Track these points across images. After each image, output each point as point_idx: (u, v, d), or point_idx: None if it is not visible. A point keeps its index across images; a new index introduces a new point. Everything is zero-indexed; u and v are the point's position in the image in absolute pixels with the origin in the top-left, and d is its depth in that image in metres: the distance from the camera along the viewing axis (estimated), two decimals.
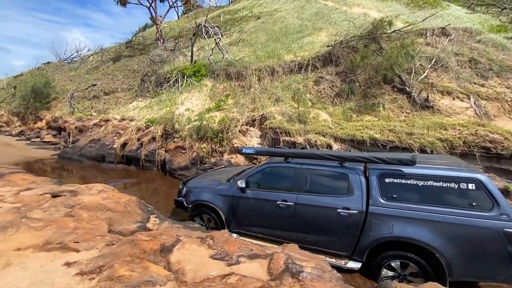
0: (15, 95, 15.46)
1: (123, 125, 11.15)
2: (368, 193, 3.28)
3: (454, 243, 2.86)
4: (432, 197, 3.01)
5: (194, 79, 12.00)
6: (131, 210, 3.63)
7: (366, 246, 3.21)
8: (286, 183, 3.82)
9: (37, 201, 3.45)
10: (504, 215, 2.74)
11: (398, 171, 3.17)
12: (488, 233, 2.76)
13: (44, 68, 19.31)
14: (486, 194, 2.83)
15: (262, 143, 7.86)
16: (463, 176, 2.92)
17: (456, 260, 2.84)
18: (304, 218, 3.56)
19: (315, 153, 3.72)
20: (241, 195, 3.99)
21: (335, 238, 3.41)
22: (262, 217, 3.88)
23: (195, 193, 4.47)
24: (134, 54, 18.66)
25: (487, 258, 2.82)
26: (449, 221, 2.89)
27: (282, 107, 8.50)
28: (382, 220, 3.13)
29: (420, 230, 2.96)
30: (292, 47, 11.71)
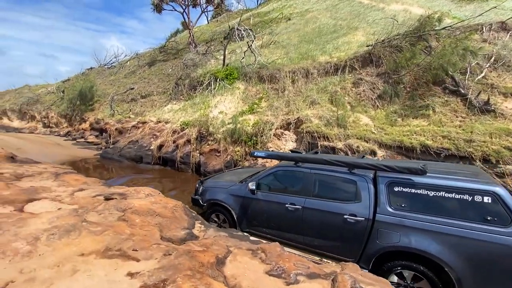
0: (63, 98, 16.78)
1: (159, 128, 11.55)
2: (376, 201, 3.21)
3: (465, 258, 2.71)
4: (443, 208, 2.88)
5: (227, 82, 12.10)
6: (178, 215, 3.63)
7: (372, 254, 3.14)
8: (295, 187, 3.87)
9: (91, 203, 3.57)
10: None
11: (408, 180, 3.07)
12: (505, 250, 2.57)
13: (88, 73, 20.76)
14: (503, 208, 2.63)
15: (298, 147, 7.63)
16: (478, 188, 2.76)
17: (467, 275, 2.69)
18: (311, 222, 3.58)
19: (324, 159, 3.69)
20: (252, 196, 4.11)
21: (341, 244, 3.39)
22: (271, 218, 3.95)
23: (210, 192, 4.66)
24: (168, 59, 19.36)
25: (502, 277, 2.62)
26: (461, 234, 2.74)
27: (318, 110, 8.22)
28: (389, 229, 3.05)
29: (429, 241, 2.85)
30: (326, 48, 11.35)
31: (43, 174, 5.31)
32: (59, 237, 2.52)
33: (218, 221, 4.60)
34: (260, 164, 7.86)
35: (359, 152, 6.37)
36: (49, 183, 4.78)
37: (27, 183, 4.65)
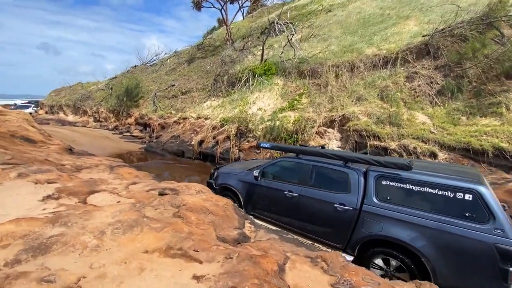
0: (111, 95, 18.02)
1: (199, 123, 11.79)
2: (364, 193, 3.42)
3: (442, 250, 2.85)
4: (425, 202, 3.03)
5: (265, 78, 11.91)
6: (229, 214, 3.54)
7: (357, 241, 3.35)
8: (294, 176, 4.16)
9: (147, 198, 3.64)
10: (498, 230, 2.65)
11: (395, 175, 3.25)
12: (479, 246, 2.69)
13: (132, 71, 22.06)
14: (482, 206, 2.74)
15: (344, 147, 7.20)
16: (460, 186, 2.88)
17: (441, 266, 2.84)
18: (305, 209, 3.85)
19: (321, 152, 3.97)
20: (257, 183, 4.45)
21: (331, 230, 3.61)
22: (272, 203, 4.26)
23: (222, 178, 5.13)
24: (206, 56, 19.73)
25: (475, 271, 2.74)
26: (439, 228, 2.88)
27: (366, 107, 7.66)
28: (374, 219, 3.26)
29: (408, 232, 3.02)
30: (373, 40, 10.56)
31: (99, 167, 5.65)
32: (123, 232, 2.55)
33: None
34: None
35: (416, 154, 5.78)
36: (105, 175, 5.05)
37: (86, 175, 4.95)
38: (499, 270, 2.60)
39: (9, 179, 3.82)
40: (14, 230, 2.46)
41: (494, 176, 4.91)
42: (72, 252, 2.25)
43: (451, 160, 5.46)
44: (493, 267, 2.62)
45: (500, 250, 2.59)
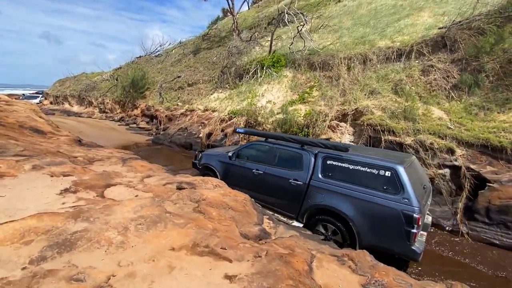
0: (117, 85, 17.89)
1: (206, 116, 11.69)
2: (313, 170, 4.08)
3: (365, 216, 3.50)
4: (356, 178, 3.66)
5: (273, 70, 11.71)
6: (248, 210, 3.48)
7: (305, 210, 4.02)
8: (261, 157, 4.87)
9: (165, 192, 3.58)
10: (405, 199, 3.25)
11: (336, 156, 3.91)
12: (391, 212, 3.30)
13: (137, 62, 21.84)
14: (397, 181, 3.34)
15: (357, 142, 7.08)
16: (383, 165, 3.50)
17: (365, 229, 3.49)
18: (268, 184, 4.54)
19: (283, 136, 4.75)
20: (232, 163, 5.18)
21: (287, 202, 4.26)
22: (243, 180, 4.90)
23: (204, 159, 5.87)
24: (212, 46, 19.44)
25: (388, 233, 3.36)
26: (364, 198, 3.52)
27: (380, 101, 7.50)
28: (318, 192, 3.94)
29: (341, 202, 3.68)
30: (386, 32, 10.28)
31: (111, 159, 5.59)
32: (147, 228, 2.50)
33: None
34: None
35: (433, 150, 5.66)
36: (118, 168, 5.00)
37: (99, 167, 4.90)
38: (405, 232, 3.21)
39: (24, 171, 3.77)
40: (37, 225, 2.41)
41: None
42: (98, 249, 2.20)
43: (468, 157, 5.35)
44: (401, 229, 3.23)
45: (405, 215, 3.20)
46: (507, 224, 4.28)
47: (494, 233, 4.37)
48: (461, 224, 4.76)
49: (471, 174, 5.08)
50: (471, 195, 5.01)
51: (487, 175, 4.88)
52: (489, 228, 4.43)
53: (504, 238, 4.26)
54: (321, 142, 4.18)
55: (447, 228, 4.84)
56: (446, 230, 4.83)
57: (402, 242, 3.24)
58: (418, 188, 3.46)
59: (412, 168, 3.65)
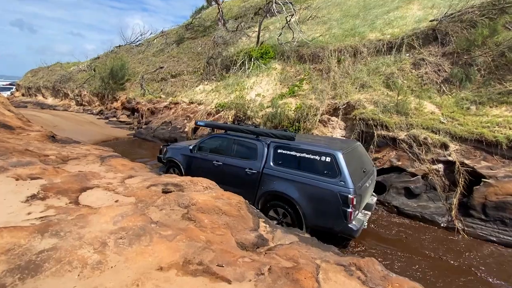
0: (95, 76, 16.79)
1: (192, 109, 11.18)
2: (266, 159, 4.31)
3: (309, 199, 3.79)
4: (302, 165, 3.95)
5: (262, 61, 11.33)
6: (243, 214, 3.19)
7: (260, 196, 4.26)
8: (221, 149, 5.02)
9: (149, 196, 3.21)
10: (342, 181, 3.56)
11: (286, 144, 4.18)
12: (330, 194, 3.62)
13: (117, 51, 20.62)
14: (335, 165, 3.65)
15: (349, 137, 6.93)
16: (324, 151, 3.81)
17: (309, 211, 3.78)
18: (226, 174, 4.70)
19: (240, 128, 4.97)
20: (194, 155, 5.29)
21: (244, 190, 4.32)
22: (205, 171, 4.91)
23: (169, 153, 5.88)
24: (196, 36, 18.65)
25: (328, 213, 3.67)
26: (309, 183, 3.81)
27: (372, 94, 7.36)
28: (270, 179, 4.17)
29: (289, 187, 3.95)
30: (376, 24, 10.13)
31: (88, 157, 5.09)
32: (129, 243, 2.14)
33: (174, 173, 5.65)
34: None
35: (426, 145, 5.58)
36: (96, 167, 4.53)
37: (74, 167, 4.42)
38: (342, 211, 3.52)
39: None
40: None
41: (507, 169, 4.80)
42: (69, 272, 1.83)
43: (462, 152, 5.31)
44: (338, 209, 3.55)
45: (341, 196, 3.52)
46: (504, 220, 4.26)
47: (491, 230, 4.34)
48: (456, 220, 4.72)
49: (465, 170, 5.04)
50: (465, 191, 4.98)
51: (482, 170, 4.85)
52: (486, 225, 4.40)
53: (501, 235, 4.24)
54: (271, 132, 4.47)
55: (442, 225, 4.79)
56: (441, 226, 4.78)
57: (340, 221, 3.58)
58: (357, 171, 3.85)
59: (352, 154, 4.02)
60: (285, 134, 4.26)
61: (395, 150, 5.97)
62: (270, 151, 4.30)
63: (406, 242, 4.39)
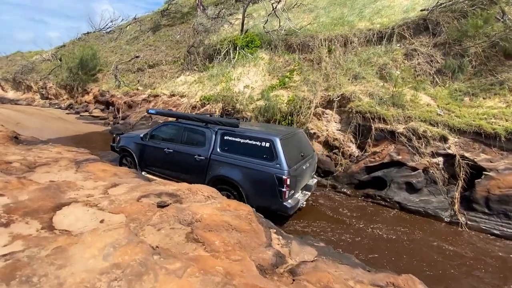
0: (61, 66, 15.19)
1: (174, 102, 10.44)
2: (214, 146, 4.52)
3: (250, 181, 4.11)
4: (245, 150, 4.22)
5: (248, 51, 10.75)
6: (255, 227, 2.78)
7: (208, 181, 4.42)
8: (171, 136, 5.17)
9: (143, 213, 2.69)
10: (278, 164, 3.90)
11: (231, 131, 4.41)
12: (268, 176, 3.95)
13: (85, 39, 18.84)
14: (273, 150, 3.96)
15: (345, 130, 6.70)
16: (263, 137, 4.12)
17: (251, 192, 4.11)
18: (177, 161, 4.91)
19: (189, 116, 5.25)
20: (146, 143, 5.39)
21: (194, 176, 4.63)
22: (156, 159, 5.26)
23: (122, 141, 5.94)
24: (174, 23, 17.48)
25: (267, 193, 4.01)
26: (250, 166, 4.12)
27: (366, 86, 7.15)
28: (216, 164, 4.42)
29: (233, 171, 4.24)
30: (365, 13, 9.91)
31: (60, 162, 4.37)
32: (128, 286, 1.66)
33: (127, 163, 5.80)
34: None
35: (426, 138, 5.47)
36: (71, 175, 3.86)
37: (44, 176, 3.72)
38: (278, 191, 3.87)
39: None
40: None
41: (506, 161, 4.80)
42: None
43: (461, 145, 5.26)
44: (274, 189, 3.88)
45: (277, 177, 3.87)
46: (508, 214, 4.25)
47: (494, 223, 4.34)
48: (459, 214, 4.67)
49: (466, 163, 4.99)
50: (466, 184, 4.94)
51: (482, 163, 4.82)
52: (489, 218, 4.39)
53: (505, 228, 4.24)
54: (219, 120, 4.68)
55: (446, 219, 4.74)
56: (445, 221, 4.72)
57: (276, 199, 3.94)
58: (294, 155, 4.21)
59: (290, 140, 4.36)
60: (230, 121, 4.59)
61: (393, 144, 5.83)
62: (217, 138, 4.54)
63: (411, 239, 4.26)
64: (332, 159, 6.43)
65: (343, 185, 5.92)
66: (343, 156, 6.41)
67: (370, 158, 5.88)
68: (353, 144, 6.50)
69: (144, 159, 5.44)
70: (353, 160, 6.25)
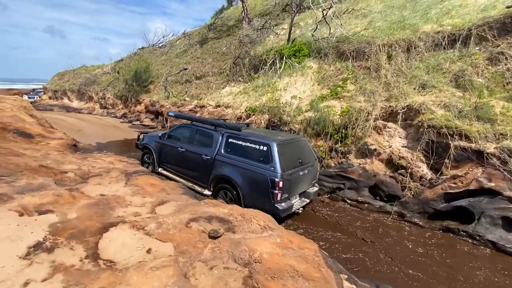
0: (118, 79, 16.52)
1: (219, 112, 10.37)
2: (219, 147, 4.83)
3: (247, 181, 4.33)
4: (246, 152, 4.48)
5: (295, 60, 10.30)
6: (325, 274, 2.20)
7: (211, 180, 4.79)
8: (186, 137, 5.51)
9: (192, 243, 2.31)
10: (272, 167, 4.08)
11: (234, 134, 4.73)
12: (263, 178, 4.12)
13: (140, 53, 20.40)
14: (269, 154, 4.16)
15: (413, 147, 5.75)
16: (262, 141, 4.34)
17: (247, 192, 4.32)
18: (188, 160, 5.27)
19: (202, 119, 5.71)
20: (164, 142, 5.81)
21: (201, 174, 4.99)
22: (171, 157, 5.63)
23: (145, 139, 6.48)
24: (220, 36, 17.94)
25: (261, 194, 4.15)
26: (248, 168, 4.34)
27: (439, 96, 6.12)
28: (220, 165, 4.71)
29: (233, 172, 4.49)
30: (431, 14, 8.77)
31: (111, 173, 4.33)
32: None
33: (148, 161, 6.25)
34: (357, 166, 6.19)
35: None
36: (121, 188, 3.73)
37: (95, 188, 3.64)
38: (270, 193, 3.99)
39: None
40: None
41: None
42: None
43: None
44: (268, 191, 4.01)
45: (270, 179, 3.99)
46: None
47: None
48: None
49: None
50: None
51: None
52: None
53: None
54: (225, 124, 4.99)
55: None
56: None
57: (269, 201, 4.02)
58: (291, 161, 4.29)
59: (288, 146, 4.46)
60: (235, 125, 4.98)
61: (481, 167, 4.74)
62: (223, 140, 4.80)
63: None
64: (397, 181, 5.51)
65: (414, 214, 4.96)
66: (412, 178, 5.45)
67: (449, 182, 4.86)
68: (423, 164, 5.51)
69: (161, 156, 5.93)
70: (425, 183, 5.26)
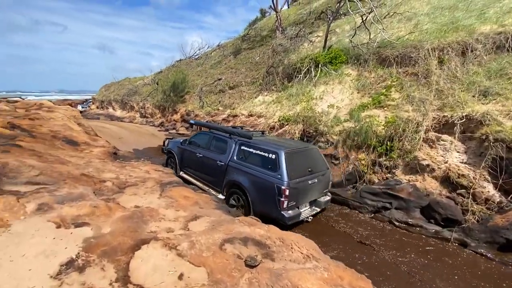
0: (157, 89, 17.43)
1: (251, 122, 10.25)
2: (232, 154, 5.07)
3: (256, 188, 4.48)
4: (256, 159, 4.64)
5: (331, 67, 9.85)
6: None
7: (224, 185, 5.03)
8: (204, 144, 5.91)
9: (228, 272, 2.06)
10: (279, 175, 4.17)
11: (246, 142, 4.95)
12: (270, 185, 4.22)
13: (177, 65, 21.42)
14: (277, 162, 4.27)
15: (475, 164, 4.97)
16: (270, 149, 4.47)
17: (256, 198, 4.46)
18: (205, 165, 5.66)
19: (218, 127, 6.14)
20: (185, 148, 6.32)
21: (216, 179, 5.28)
22: (191, 161, 6.13)
23: (169, 145, 7.00)
24: (254, 46, 18.12)
25: (268, 201, 4.25)
26: (257, 175, 4.49)
27: (506, 105, 5.29)
28: (232, 171, 4.92)
29: (243, 178, 4.67)
30: (489, 14, 7.84)
31: (147, 183, 4.32)
32: None
33: (172, 164, 6.71)
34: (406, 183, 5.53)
35: None
36: (155, 200, 3.66)
37: (130, 199, 3.61)
38: (277, 200, 4.12)
39: (23, 216, 2.56)
40: None
41: None
42: None
43: None
44: (274, 198, 4.14)
45: (277, 187, 4.13)
46: None
47: None
48: None
49: None
50: None
51: None
52: None
53: None
54: (238, 132, 5.24)
55: None
56: None
57: (275, 208, 4.14)
58: (299, 169, 4.37)
59: (298, 154, 4.58)
60: (246, 133, 5.16)
61: None
62: (236, 147, 5.03)
63: None
64: (456, 203, 4.77)
65: (480, 243, 4.20)
66: (475, 200, 4.68)
67: None
68: (489, 184, 4.72)
69: (183, 161, 6.37)
70: (493, 207, 4.47)
